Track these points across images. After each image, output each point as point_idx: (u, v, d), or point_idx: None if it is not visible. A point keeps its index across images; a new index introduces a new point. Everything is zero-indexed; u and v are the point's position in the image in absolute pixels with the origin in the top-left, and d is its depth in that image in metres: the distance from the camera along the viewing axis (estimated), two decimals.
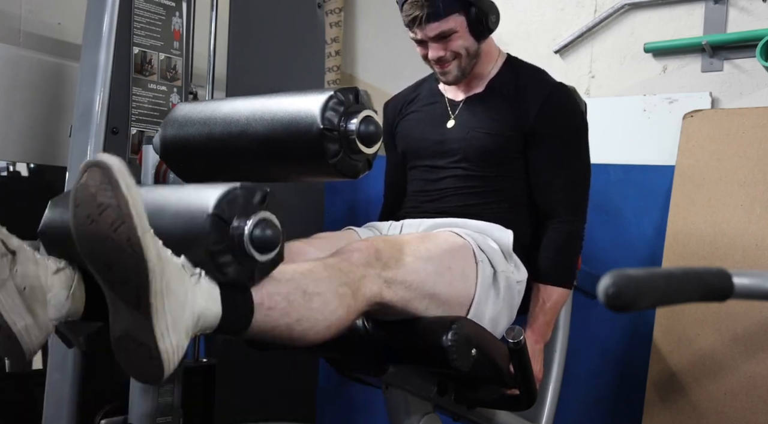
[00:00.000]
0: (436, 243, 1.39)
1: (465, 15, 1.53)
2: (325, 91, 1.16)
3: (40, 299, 1.01)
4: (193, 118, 1.30)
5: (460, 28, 1.54)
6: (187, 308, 0.95)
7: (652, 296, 0.63)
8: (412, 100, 1.76)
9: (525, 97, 1.59)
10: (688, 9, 2.18)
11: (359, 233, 1.59)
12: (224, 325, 1.01)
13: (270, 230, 1.03)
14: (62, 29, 2.10)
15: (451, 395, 1.47)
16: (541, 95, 1.59)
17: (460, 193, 1.60)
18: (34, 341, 1.01)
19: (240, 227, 1.01)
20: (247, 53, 1.98)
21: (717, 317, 1.84)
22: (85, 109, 1.62)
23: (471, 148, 1.59)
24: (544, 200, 1.61)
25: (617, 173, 2.10)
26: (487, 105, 1.63)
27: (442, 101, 1.69)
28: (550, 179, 1.60)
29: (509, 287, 1.49)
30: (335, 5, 2.89)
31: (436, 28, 1.53)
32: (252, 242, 1.01)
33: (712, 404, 1.80)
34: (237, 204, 1.02)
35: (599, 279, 0.62)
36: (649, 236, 2.05)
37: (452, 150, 1.61)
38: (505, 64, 1.68)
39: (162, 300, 0.92)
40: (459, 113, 1.65)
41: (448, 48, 1.56)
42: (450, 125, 1.65)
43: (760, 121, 1.90)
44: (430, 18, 1.51)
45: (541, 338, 1.58)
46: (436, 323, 1.29)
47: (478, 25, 1.55)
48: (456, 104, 1.67)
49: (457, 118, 1.65)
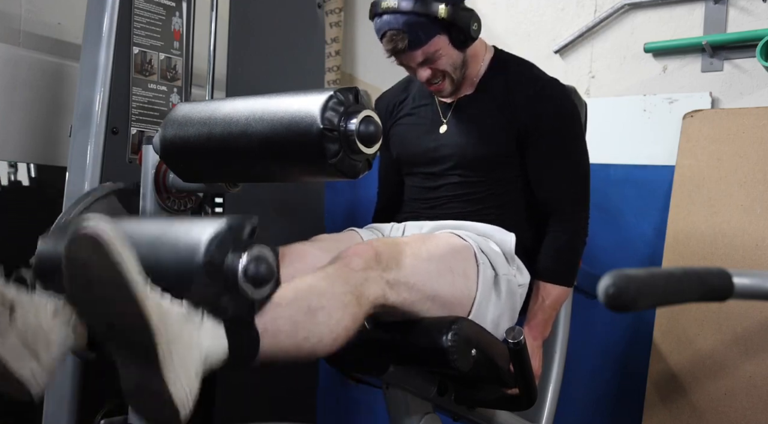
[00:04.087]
0: (437, 244, 1.38)
1: (446, 34, 1.49)
2: (325, 91, 1.16)
3: (42, 341, 1.01)
4: (193, 118, 1.30)
5: (443, 46, 1.50)
6: (194, 350, 0.96)
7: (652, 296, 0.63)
8: (402, 100, 1.73)
9: (515, 96, 1.56)
10: (688, 9, 2.18)
11: (361, 235, 1.58)
12: (233, 359, 1.01)
13: (263, 265, 1.02)
14: (62, 29, 2.10)
15: (451, 395, 1.47)
16: (531, 92, 1.55)
17: (457, 201, 1.59)
18: (41, 383, 1.01)
19: (233, 266, 1.00)
20: (247, 53, 1.98)
21: (717, 317, 1.84)
22: (85, 109, 1.62)
23: (464, 156, 1.57)
24: (544, 198, 1.59)
25: (617, 173, 2.10)
26: (477, 107, 1.60)
27: (433, 103, 1.66)
28: (547, 176, 1.58)
29: (510, 290, 1.48)
30: (335, 5, 2.89)
31: (419, 55, 1.49)
32: (246, 280, 1.00)
33: (712, 404, 1.80)
34: (226, 244, 1.00)
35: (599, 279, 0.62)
36: (649, 236, 2.05)
37: (446, 157, 1.60)
38: (493, 60, 1.63)
39: (169, 349, 0.92)
40: (450, 117, 1.62)
41: (435, 67, 1.53)
42: (443, 130, 1.62)
43: (760, 121, 1.90)
44: (412, 46, 1.47)
45: (539, 336, 1.57)
46: (436, 323, 1.30)
47: (461, 38, 1.51)
48: (447, 106, 1.64)
49: (449, 123, 1.62)
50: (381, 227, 1.65)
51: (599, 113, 2.13)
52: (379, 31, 1.49)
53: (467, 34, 1.50)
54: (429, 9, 1.43)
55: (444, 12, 1.44)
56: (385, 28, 1.47)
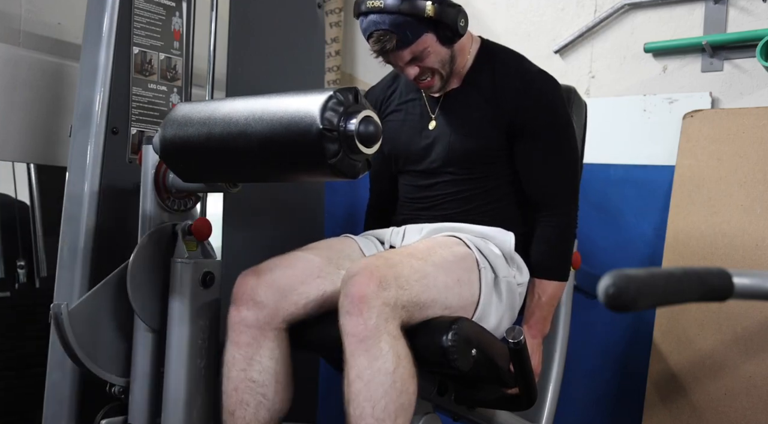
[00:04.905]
0: (443, 255, 1.39)
1: (433, 31, 1.47)
2: (324, 91, 1.16)
3: None
4: (192, 118, 1.30)
5: (431, 44, 1.48)
6: None
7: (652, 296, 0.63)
8: (390, 95, 1.71)
9: (502, 90, 1.55)
10: (688, 9, 2.18)
11: (358, 243, 1.58)
12: None
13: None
14: (62, 29, 2.10)
15: (451, 395, 1.47)
16: (519, 85, 1.54)
17: (451, 199, 1.58)
18: None
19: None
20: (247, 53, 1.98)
21: (717, 317, 1.84)
22: (85, 109, 1.62)
23: (454, 152, 1.56)
24: (533, 192, 1.58)
25: (617, 173, 2.10)
26: (465, 102, 1.59)
27: (420, 98, 1.65)
28: (536, 170, 1.56)
29: (510, 290, 1.49)
30: (335, 5, 2.89)
31: (408, 54, 1.48)
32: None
33: (712, 404, 1.80)
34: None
35: (599, 279, 0.62)
36: (649, 236, 2.05)
37: (437, 153, 1.59)
38: (480, 51, 1.61)
39: None
40: (439, 113, 1.61)
41: (423, 65, 1.51)
42: (432, 126, 1.61)
43: (760, 121, 1.90)
44: (400, 46, 1.45)
45: (538, 333, 1.57)
46: (436, 323, 1.30)
47: (449, 35, 1.49)
48: (435, 101, 1.62)
49: (437, 119, 1.61)
50: (379, 234, 1.64)
51: (599, 113, 2.13)
52: (365, 31, 1.47)
53: (455, 30, 1.48)
54: (416, 8, 1.42)
55: (431, 10, 1.42)
56: (372, 29, 1.45)
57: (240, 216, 1.91)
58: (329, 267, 1.43)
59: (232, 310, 1.39)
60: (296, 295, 1.39)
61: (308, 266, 1.42)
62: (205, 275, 1.47)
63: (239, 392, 1.37)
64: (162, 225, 1.52)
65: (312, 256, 1.44)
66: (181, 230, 1.51)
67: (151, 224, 1.51)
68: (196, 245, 1.52)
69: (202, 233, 1.51)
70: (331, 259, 1.45)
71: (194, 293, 1.46)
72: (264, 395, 1.37)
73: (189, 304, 1.45)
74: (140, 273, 1.48)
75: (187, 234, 1.51)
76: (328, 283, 1.41)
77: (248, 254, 1.68)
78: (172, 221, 1.53)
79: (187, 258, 1.48)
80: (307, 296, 1.39)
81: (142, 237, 1.49)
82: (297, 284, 1.39)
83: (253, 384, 1.37)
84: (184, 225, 1.52)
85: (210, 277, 1.48)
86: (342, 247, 1.53)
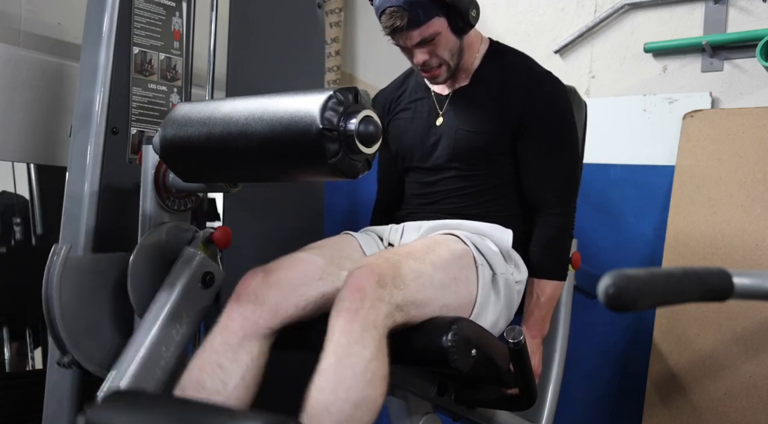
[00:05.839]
0: (440, 254, 1.39)
1: (445, 16, 1.49)
2: (324, 91, 1.16)
3: None
4: (192, 118, 1.29)
5: (442, 29, 1.50)
6: None
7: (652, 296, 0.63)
8: (399, 96, 1.74)
9: (510, 89, 1.56)
10: (688, 9, 2.18)
11: (357, 239, 1.58)
12: None
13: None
14: (62, 29, 2.10)
15: (451, 395, 1.47)
16: (525, 84, 1.56)
17: (455, 195, 1.59)
18: None
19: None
20: (247, 53, 1.98)
21: (717, 317, 1.84)
22: (85, 109, 1.62)
23: (460, 148, 1.58)
24: (532, 192, 1.59)
25: (617, 173, 2.10)
26: (472, 99, 1.60)
27: (429, 96, 1.67)
28: (537, 170, 1.58)
29: (508, 287, 1.49)
30: (335, 5, 2.89)
31: (417, 35, 1.49)
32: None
33: (712, 404, 1.80)
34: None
35: (599, 279, 0.62)
36: (649, 236, 2.05)
37: (443, 149, 1.60)
38: (489, 51, 1.64)
39: None
40: (447, 109, 1.63)
41: (432, 52, 1.53)
42: (439, 123, 1.63)
43: (760, 121, 1.90)
44: (411, 25, 1.47)
45: (538, 333, 1.58)
46: (436, 323, 1.30)
47: (460, 24, 1.51)
48: (443, 99, 1.64)
49: (445, 115, 1.63)
50: (379, 230, 1.64)
51: (599, 113, 2.14)
52: (378, 9, 1.49)
53: (466, 19, 1.51)
54: None
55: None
56: (385, 5, 1.47)
57: (240, 216, 1.91)
58: (331, 268, 1.43)
59: (232, 301, 1.36)
60: (297, 296, 1.38)
61: (311, 268, 1.42)
62: (206, 275, 1.47)
63: (201, 371, 1.30)
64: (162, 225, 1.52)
65: (315, 257, 1.44)
66: (202, 238, 1.51)
67: (151, 224, 1.51)
68: (214, 252, 1.52)
69: (224, 242, 1.51)
70: (333, 259, 1.45)
71: (191, 290, 1.45)
72: (225, 383, 1.30)
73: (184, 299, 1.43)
74: (140, 273, 1.48)
75: (210, 242, 1.51)
76: (328, 284, 1.41)
77: (248, 254, 1.68)
78: (172, 221, 1.53)
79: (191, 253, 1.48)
80: (306, 297, 1.39)
81: (142, 237, 1.49)
82: (299, 285, 1.39)
83: (219, 370, 1.30)
84: (206, 232, 1.51)
85: (210, 277, 1.48)
86: (343, 246, 1.53)
